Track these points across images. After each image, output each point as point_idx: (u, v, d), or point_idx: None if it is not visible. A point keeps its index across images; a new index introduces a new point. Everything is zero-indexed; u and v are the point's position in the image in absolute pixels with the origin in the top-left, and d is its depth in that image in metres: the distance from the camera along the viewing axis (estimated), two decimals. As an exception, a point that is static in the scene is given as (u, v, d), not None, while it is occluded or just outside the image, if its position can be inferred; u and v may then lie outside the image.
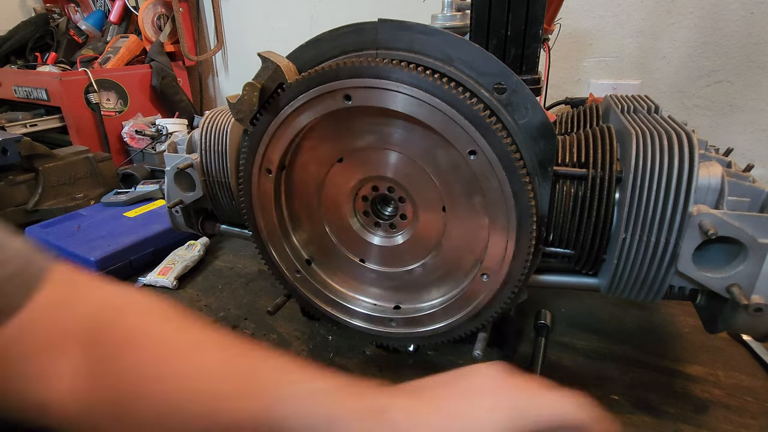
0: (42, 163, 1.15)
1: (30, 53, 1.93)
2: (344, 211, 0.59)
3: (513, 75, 0.47)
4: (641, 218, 0.47)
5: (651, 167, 0.46)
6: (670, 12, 1.12)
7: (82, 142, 1.50)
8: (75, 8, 2.05)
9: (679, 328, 0.73)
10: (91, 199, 1.20)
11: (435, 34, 0.48)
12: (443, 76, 0.47)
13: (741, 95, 1.11)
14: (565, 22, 1.18)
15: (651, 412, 0.58)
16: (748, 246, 0.43)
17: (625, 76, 1.22)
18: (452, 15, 0.67)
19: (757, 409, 0.58)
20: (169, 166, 0.72)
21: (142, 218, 1.05)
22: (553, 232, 0.54)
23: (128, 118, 1.64)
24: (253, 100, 0.53)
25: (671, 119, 0.52)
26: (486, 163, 0.46)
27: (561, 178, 0.52)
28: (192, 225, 0.79)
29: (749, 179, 0.47)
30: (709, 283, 0.46)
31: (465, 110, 0.45)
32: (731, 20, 1.06)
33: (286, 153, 0.56)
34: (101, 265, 0.88)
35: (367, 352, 0.70)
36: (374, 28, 0.50)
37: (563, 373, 0.64)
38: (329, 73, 0.48)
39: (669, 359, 0.66)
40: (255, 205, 0.60)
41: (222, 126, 0.69)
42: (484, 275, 0.52)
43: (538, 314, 0.73)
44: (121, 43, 1.75)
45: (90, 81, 1.53)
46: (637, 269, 0.49)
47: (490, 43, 0.56)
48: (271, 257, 0.63)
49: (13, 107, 1.71)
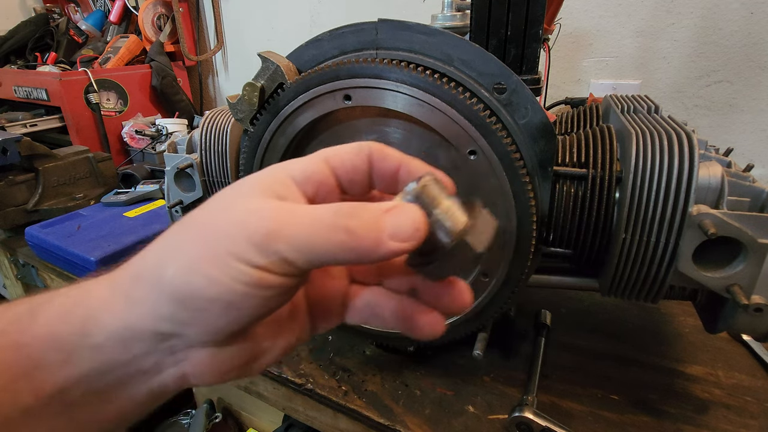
0: (42, 163, 1.15)
1: (30, 53, 1.92)
2: (344, 211, 0.59)
3: (513, 75, 0.47)
4: (641, 218, 0.47)
5: (651, 167, 0.46)
6: (670, 12, 1.11)
7: (82, 142, 1.50)
8: (75, 8, 2.04)
9: (679, 328, 0.73)
10: (91, 199, 1.20)
11: (435, 34, 0.48)
12: (443, 76, 0.47)
13: (741, 95, 1.11)
14: (565, 22, 1.18)
15: (651, 412, 0.58)
16: (748, 246, 0.43)
17: (625, 76, 1.22)
18: (452, 15, 0.67)
19: (757, 409, 0.58)
20: (169, 166, 0.72)
21: (142, 218, 1.05)
22: (553, 232, 0.54)
23: (128, 118, 1.64)
24: (253, 100, 0.53)
25: (671, 119, 0.52)
26: (486, 163, 0.46)
27: (561, 178, 0.52)
28: (192, 225, 0.79)
29: (749, 179, 0.47)
30: (709, 283, 0.46)
31: (465, 110, 0.45)
32: (731, 20, 1.06)
33: (285, 153, 0.56)
34: (101, 265, 0.88)
35: (367, 352, 0.70)
36: (374, 28, 0.50)
37: (563, 373, 0.64)
38: (329, 73, 0.48)
39: (669, 359, 0.66)
40: (255, 205, 0.60)
41: (222, 126, 0.69)
42: (484, 275, 0.52)
43: (538, 314, 0.73)
44: (121, 43, 1.75)
45: (90, 81, 1.52)
46: (637, 269, 0.49)
47: (490, 43, 0.56)
48: (271, 257, 0.63)
49: (13, 107, 1.71)
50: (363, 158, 0.27)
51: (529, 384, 0.61)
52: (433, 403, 0.60)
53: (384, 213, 0.23)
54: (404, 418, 0.58)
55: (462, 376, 0.64)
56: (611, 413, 0.58)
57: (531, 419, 0.53)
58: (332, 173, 0.27)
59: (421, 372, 0.65)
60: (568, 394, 0.61)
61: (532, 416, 0.53)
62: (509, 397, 0.61)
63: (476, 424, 0.57)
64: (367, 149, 0.27)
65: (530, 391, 0.59)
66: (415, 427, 0.57)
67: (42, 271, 1.04)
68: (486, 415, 0.58)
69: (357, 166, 0.27)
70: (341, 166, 0.27)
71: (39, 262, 1.03)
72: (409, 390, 0.62)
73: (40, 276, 1.06)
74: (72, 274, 0.95)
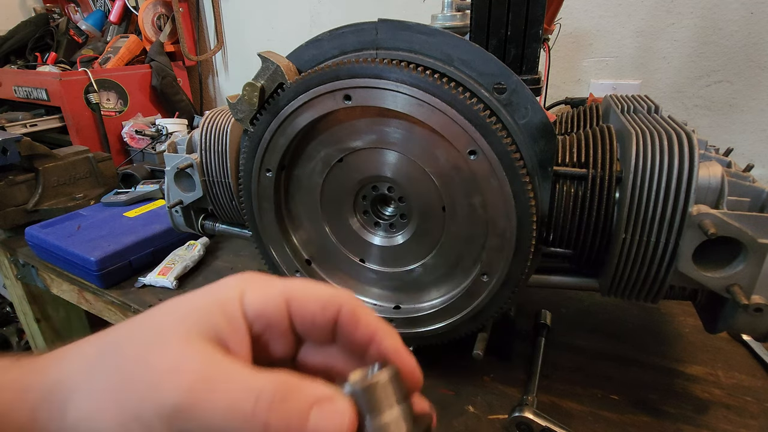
0: (42, 163, 1.15)
1: (30, 53, 1.92)
2: (344, 210, 0.59)
3: (513, 75, 0.47)
4: (641, 218, 0.47)
5: (651, 167, 0.46)
6: (670, 12, 1.11)
7: (82, 142, 1.50)
8: (75, 8, 2.04)
9: (679, 328, 0.73)
10: (91, 199, 1.20)
11: (435, 34, 0.48)
12: (443, 76, 0.47)
13: (741, 95, 1.11)
14: (565, 22, 1.18)
15: (651, 412, 0.58)
16: (748, 246, 0.43)
17: (625, 76, 1.22)
18: (452, 15, 0.67)
19: (757, 409, 0.58)
20: (169, 166, 0.72)
21: (142, 218, 1.05)
22: (553, 232, 0.54)
23: (128, 118, 1.64)
24: (253, 100, 0.53)
25: (671, 119, 0.52)
26: (486, 163, 0.46)
27: (561, 178, 0.52)
28: (192, 225, 0.79)
29: (749, 179, 0.47)
30: (709, 283, 0.46)
31: (465, 110, 0.45)
32: (731, 20, 1.06)
33: (285, 153, 0.56)
34: (101, 265, 0.88)
35: (367, 352, 0.70)
36: (374, 28, 0.50)
37: (563, 373, 0.64)
38: (329, 73, 0.48)
39: (669, 359, 0.66)
40: (255, 205, 0.60)
41: (222, 126, 0.69)
42: (484, 275, 0.52)
43: (538, 314, 0.73)
44: (121, 43, 1.75)
45: (90, 81, 1.52)
46: (637, 269, 0.49)
47: (490, 43, 0.56)
48: (271, 257, 0.63)
49: (13, 107, 1.71)
50: (327, 317, 0.25)
51: (529, 384, 0.61)
52: (433, 403, 0.60)
53: (311, 407, 0.20)
54: (404, 418, 0.58)
55: (462, 376, 0.64)
56: (611, 413, 0.58)
57: (531, 419, 0.53)
58: (288, 317, 0.25)
59: (421, 372, 0.65)
60: (568, 394, 0.61)
61: (532, 416, 0.53)
62: (509, 397, 0.61)
63: (476, 424, 0.57)
64: (335, 307, 0.25)
65: (530, 391, 0.59)
66: (415, 427, 0.57)
67: (42, 271, 1.04)
68: (486, 415, 0.58)
69: (317, 322, 0.25)
70: (300, 314, 0.25)
71: (39, 262, 1.03)
72: (409, 390, 0.62)
73: (40, 276, 1.06)
74: (72, 274, 0.95)
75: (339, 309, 0.25)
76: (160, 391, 0.20)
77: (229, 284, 0.25)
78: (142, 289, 0.89)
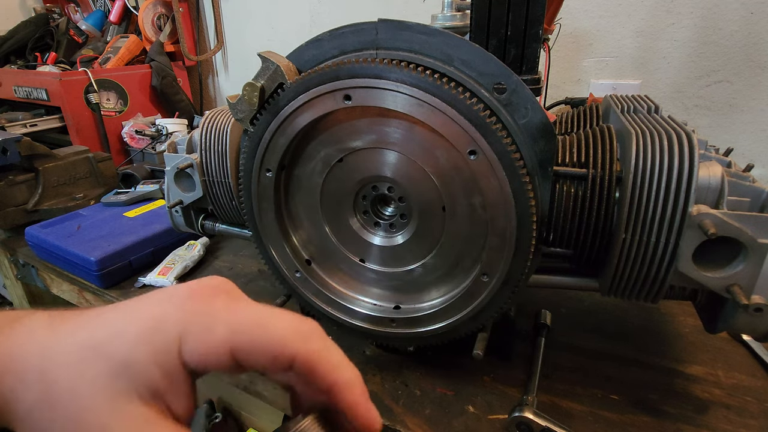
0: (42, 163, 1.15)
1: (30, 53, 1.93)
2: (344, 210, 0.59)
3: (513, 75, 0.47)
4: (641, 218, 0.47)
5: (651, 167, 0.46)
6: (670, 12, 1.11)
7: (82, 142, 1.51)
8: (75, 8, 2.05)
9: (679, 328, 0.73)
10: (91, 199, 1.20)
11: (435, 34, 0.48)
12: (443, 76, 0.47)
13: (741, 95, 1.11)
14: (565, 22, 1.18)
15: (651, 412, 0.58)
16: (748, 246, 0.43)
17: (625, 76, 1.22)
18: (452, 15, 0.67)
19: (757, 409, 0.58)
20: (169, 166, 0.72)
21: (142, 218, 1.05)
22: (553, 232, 0.54)
23: (128, 118, 1.64)
24: (253, 100, 0.53)
25: (671, 119, 0.52)
26: (486, 163, 0.46)
27: (561, 178, 0.52)
28: (192, 225, 0.79)
29: (749, 179, 0.47)
30: (709, 283, 0.46)
31: (465, 110, 0.45)
32: (731, 20, 1.06)
33: (285, 153, 0.56)
34: (101, 265, 0.88)
35: (367, 352, 0.70)
36: (374, 28, 0.50)
37: (563, 373, 0.64)
38: (329, 73, 0.48)
39: (669, 359, 0.66)
40: (255, 205, 0.60)
41: (222, 126, 0.69)
42: (484, 275, 0.52)
43: (538, 314, 0.73)
44: (121, 43, 1.75)
45: (90, 81, 1.53)
46: (637, 269, 0.49)
47: (490, 43, 0.56)
48: (271, 257, 0.63)
49: (13, 107, 1.71)
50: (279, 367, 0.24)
51: (529, 384, 0.61)
52: (433, 403, 0.60)
53: None
54: (404, 418, 0.58)
55: (462, 376, 0.64)
56: (611, 413, 0.58)
57: (531, 419, 0.53)
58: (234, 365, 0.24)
59: (421, 372, 0.65)
60: (568, 394, 0.61)
61: (532, 416, 0.53)
62: (509, 397, 0.61)
63: (476, 424, 0.57)
64: (287, 359, 0.24)
65: (530, 391, 0.59)
66: (415, 427, 0.57)
67: (42, 271, 1.04)
68: (486, 415, 0.58)
69: (268, 370, 0.24)
70: (248, 363, 0.24)
71: (39, 262, 1.03)
72: (409, 390, 0.62)
73: (40, 276, 1.06)
74: (72, 274, 0.95)
75: (292, 359, 0.24)
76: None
77: (168, 321, 0.24)
78: (142, 289, 0.89)
